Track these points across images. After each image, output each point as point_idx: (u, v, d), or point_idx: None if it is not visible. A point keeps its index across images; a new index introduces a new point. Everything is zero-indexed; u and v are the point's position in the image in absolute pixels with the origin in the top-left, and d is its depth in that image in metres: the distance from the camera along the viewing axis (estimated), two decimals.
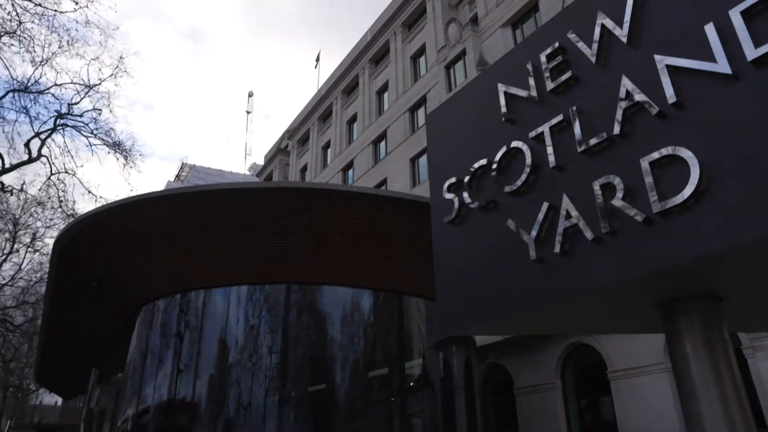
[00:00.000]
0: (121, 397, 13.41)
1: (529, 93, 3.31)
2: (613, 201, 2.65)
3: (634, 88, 2.75)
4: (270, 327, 11.21)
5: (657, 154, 2.57)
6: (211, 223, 10.18)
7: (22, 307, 37.68)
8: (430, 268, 11.26)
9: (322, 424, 10.72)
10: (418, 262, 11.29)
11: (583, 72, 3.09)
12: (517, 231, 3.08)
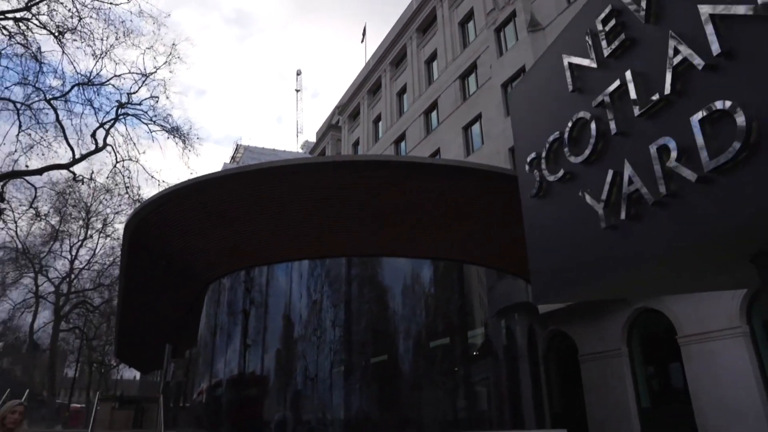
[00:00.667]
0: (194, 372, 14.06)
1: (589, 61, 3.29)
2: (668, 163, 2.59)
3: (681, 42, 2.64)
4: (332, 301, 11.42)
5: (705, 110, 2.47)
6: (271, 200, 10.36)
7: (98, 289, 39.95)
8: (491, 237, 11.25)
9: (387, 394, 10.90)
10: (478, 231, 11.18)
11: (636, 33, 3.01)
12: (589, 200, 3.08)
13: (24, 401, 5.11)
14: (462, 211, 10.63)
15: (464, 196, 10.36)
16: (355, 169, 10.01)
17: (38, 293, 38.84)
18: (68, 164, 22.13)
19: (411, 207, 10.38)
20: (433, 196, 10.29)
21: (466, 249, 11.51)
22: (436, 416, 10.88)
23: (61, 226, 35.65)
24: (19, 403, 4.95)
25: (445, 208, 10.56)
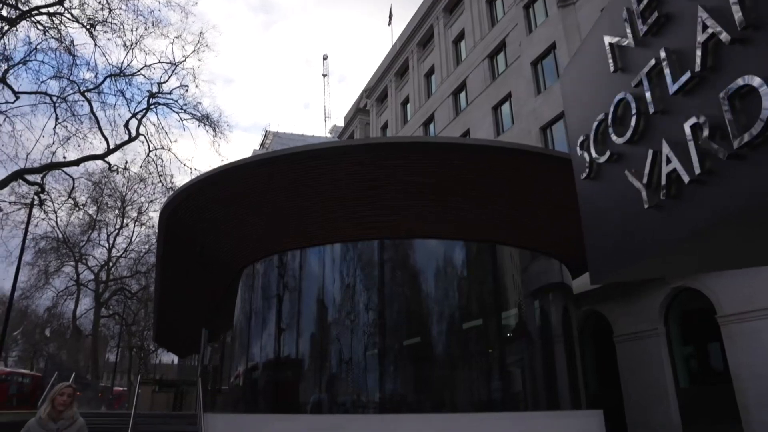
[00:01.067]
0: (231, 355, 14.35)
1: (628, 40, 3.31)
2: (701, 141, 2.60)
3: (708, 17, 2.60)
4: (365, 285, 11.46)
5: (733, 85, 2.43)
6: (303, 184, 10.40)
7: (135, 276, 41.02)
8: (524, 217, 11.12)
9: (421, 376, 10.94)
10: (511, 211, 11.05)
11: (670, 9, 2.97)
12: (633, 181, 3.13)
13: (72, 383, 5.15)
14: (494, 192, 10.51)
15: (497, 177, 10.23)
16: (386, 151, 9.96)
17: (79, 281, 40.06)
18: (103, 154, 22.63)
19: (443, 188, 10.30)
20: (465, 178, 10.18)
21: (498, 230, 11.41)
22: (471, 397, 10.90)
23: (98, 216, 36.62)
24: (68, 385, 4.93)
25: (478, 189, 10.44)
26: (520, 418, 10.58)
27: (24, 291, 37.59)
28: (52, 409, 4.62)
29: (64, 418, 4.65)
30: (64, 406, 4.67)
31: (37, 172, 22.37)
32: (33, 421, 4.63)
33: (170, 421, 16.47)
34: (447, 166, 10.02)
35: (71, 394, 4.79)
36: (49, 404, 4.68)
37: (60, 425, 4.59)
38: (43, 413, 4.63)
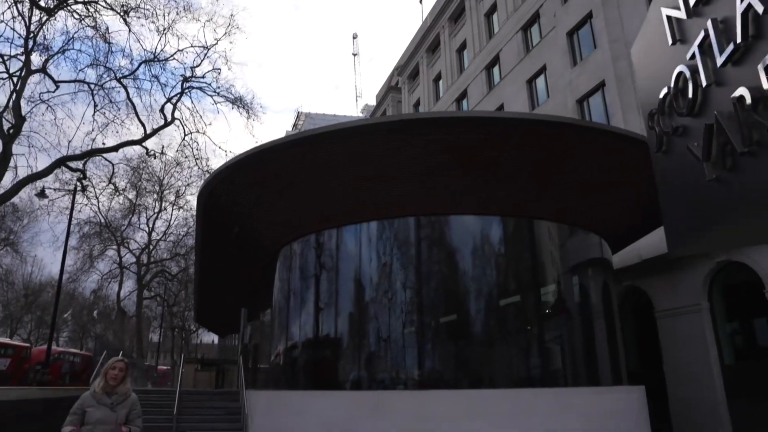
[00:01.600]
0: (270, 335, 14.61)
1: (681, 12, 3.25)
2: (745, 113, 2.55)
3: None
4: (402, 263, 11.47)
5: None
6: (336, 162, 10.39)
7: (175, 258, 42.03)
8: (562, 192, 10.92)
9: (460, 353, 10.95)
10: (548, 186, 10.85)
11: None
12: (694, 153, 3.12)
13: (124, 358, 5.08)
14: (532, 166, 10.33)
15: (534, 151, 10.04)
16: (420, 127, 9.84)
17: (122, 264, 41.29)
18: (141, 140, 23.08)
19: (479, 163, 10.17)
20: (502, 152, 10.03)
21: (536, 205, 11.23)
22: (509, 374, 10.86)
23: (137, 200, 37.53)
24: (120, 359, 4.90)
25: (514, 164, 10.28)
26: (560, 394, 10.52)
27: (71, 274, 38.96)
28: (105, 383, 4.63)
29: (117, 393, 4.65)
30: (116, 381, 4.65)
31: (79, 159, 22.98)
32: (87, 394, 4.64)
33: (214, 397, 16.94)
34: (483, 141, 9.88)
35: (123, 369, 4.76)
36: (102, 378, 4.68)
37: (114, 400, 4.60)
38: (98, 387, 4.63)
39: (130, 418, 4.68)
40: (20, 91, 19.99)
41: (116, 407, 4.61)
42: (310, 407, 11.01)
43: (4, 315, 50.12)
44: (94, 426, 4.45)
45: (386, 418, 10.03)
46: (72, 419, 4.49)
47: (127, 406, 4.69)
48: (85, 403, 4.57)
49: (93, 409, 4.52)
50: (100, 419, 4.49)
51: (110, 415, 4.55)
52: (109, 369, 4.72)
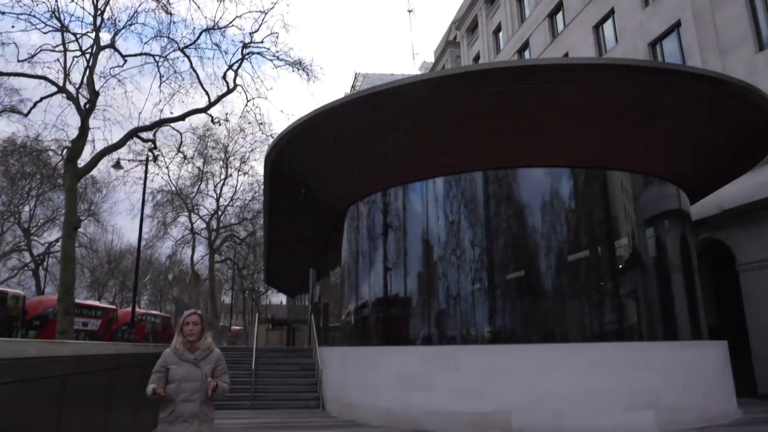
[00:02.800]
0: (340, 294, 14.93)
1: None
2: None
3: None
4: (470, 221, 11.34)
5: None
6: (403, 118, 10.28)
7: (243, 223, 43.33)
8: (635, 139, 10.44)
9: (530, 310, 10.83)
10: (621, 134, 10.37)
11: None
12: None
13: (198, 311, 4.61)
14: (602, 113, 9.86)
15: (607, 98, 9.57)
16: (487, 77, 9.53)
17: (193, 230, 42.99)
18: (205, 108, 23.61)
19: (549, 113, 9.80)
20: (573, 101, 9.61)
21: (608, 155, 10.77)
22: (582, 329, 10.68)
23: (204, 168, 38.76)
24: (193, 312, 4.51)
25: (586, 112, 9.85)
26: (636, 348, 10.27)
27: (147, 241, 40.97)
28: (184, 339, 4.37)
29: (199, 348, 4.38)
30: (193, 336, 4.36)
31: (149, 130, 23.81)
32: (168, 350, 4.42)
33: (288, 354, 17.60)
34: (554, 90, 9.49)
35: (198, 322, 4.42)
36: (179, 335, 4.41)
37: (197, 356, 4.33)
38: (177, 343, 4.37)
39: (215, 374, 4.39)
40: (92, 67, 20.77)
41: (200, 363, 4.33)
42: (383, 361, 11.25)
43: (91, 280, 53.56)
44: (178, 383, 4.22)
45: (458, 371, 10.12)
46: (156, 377, 4.23)
47: (212, 362, 4.40)
48: (168, 360, 4.33)
49: (176, 366, 4.28)
50: (185, 376, 4.24)
51: (194, 371, 4.28)
52: (183, 325, 4.41)
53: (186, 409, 4.21)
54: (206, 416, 4.33)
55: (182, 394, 4.22)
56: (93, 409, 6.42)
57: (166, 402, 4.21)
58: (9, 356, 4.28)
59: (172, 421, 4.20)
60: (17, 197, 38.22)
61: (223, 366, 4.50)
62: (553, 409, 9.38)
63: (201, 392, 4.26)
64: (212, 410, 4.45)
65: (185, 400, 4.22)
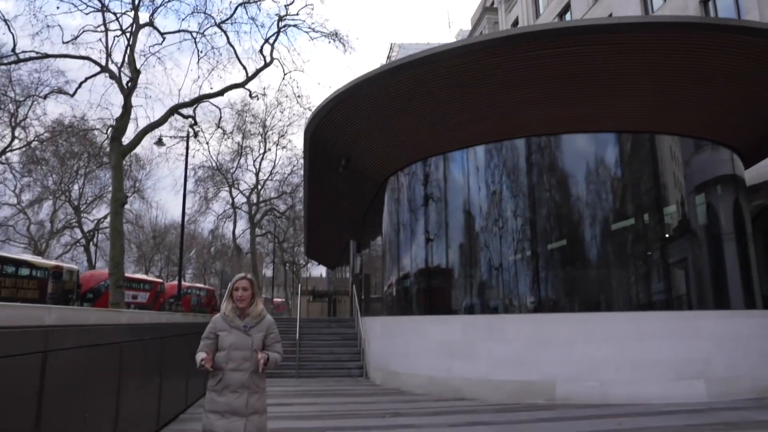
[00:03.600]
0: (381, 265, 15.01)
1: None
2: None
3: None
4: (512, 192, 11.16)
5: None
6: (444, 85, 10.10)
7: (282, 197, 43.90)
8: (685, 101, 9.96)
9: (575, 280, 10.66)
10: (669, 95, 9.95)
11: None
12: None
13: (248, 275, 4.32)
14: (650, 74, 9.47)
15: (651, 57, 9.16)
16: (529, 40, 9.24)
17: (234, 204, 43.84)
18: (243, 82, 23.77)
19: (591, 76, 9.48)
20: (618, 62, 9.25)
21: (657, 118, 10.38)
22: (629, 298, 10.46)
23: (243, 143, 39.25)
24: (243, 276, 4.24)
25: (630, 73, 9.47)
26: (686, 317, 10.02)
27: (190, 216, 42.03)
28: (233, 304, 4.15)
29: (250, 315, 4.12)
30: (243, 302, 4.11)
31: (189, 106, 24.16)
32: (218, 317, 4.19)
33: (330, 324, 17.89)
34: (598, 52, 9.15)
35: (247, 287, 4.15)
36: (229, 300, 4.17)
37: (247, 323, 4.08)
38: (227, 309, 4.13)
39: (267, 342, 4.13)
40: (133, 45, 21.12)
41: (250, 331, 4.07)
42: (426, 330, 11.32)
43: (138, 255, 55.35)
44: (228, 351, 3.98)
45: (502, 340, 10.11)
46: (205, 344, 4.05)
47: (263, 329, 4.13)
48: (217, 326, 4.10)
49: (225, 333, 4.05)
50: (235, 344, 4.00)
51: (245, 339, 4.03)
52: (232, 290, 4.16)
53: (235, 379, 3.94)
54: (256, 387, 4.03)
55: (231, 363, 3.97)
56: (148, 374, 6.66)
57: (215, 370, 3.97)
58: (74, 323, 4.45)
59: (220, 391, 3.94)
60: (67, 176, 39.57)
61: (275, 334, 4.21)
62: (599, 379, 9.29)
63: (251, 362, 3.99)
64: (263, 381, 4.15)
65: (235, 369, 3.96)
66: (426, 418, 8.17)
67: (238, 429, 3.85)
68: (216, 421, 3.87)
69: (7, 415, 3.46)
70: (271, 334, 4.17)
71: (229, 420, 3.87)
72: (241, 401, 3.90)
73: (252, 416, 3.92)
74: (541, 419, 7.93)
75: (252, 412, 3.93)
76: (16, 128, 31.57)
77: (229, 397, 3.91)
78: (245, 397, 3.92)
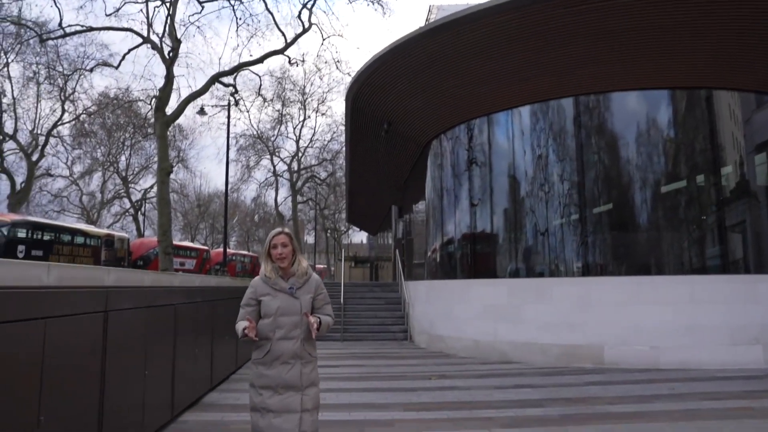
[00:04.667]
0: (425, 230, 14.95)
1: None
2: None
3: None
4: (558, 155, 10.85)
5: None
6: (488, 44, 9.81)
7: (322, 164, 44.10)
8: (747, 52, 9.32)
9: (625, 244, 10.37)
10: (735, 49, 9.38)
11: None
12: None
13: (285, 229, 3.73)
14: (709, 25, 8.94)
15: (711, 6, 8.63)
16: None
17: (275, 172, 44.29)
18: (282, 49, 23.68)
19: (644, 30, 9.01)
20: (671, 13, 8.75)
21: (715, 73, 9.83)
22: (681, 262, 10.14)
23: (283, 110, 39.39)
24: (280, 231, 3.64)
25: (686, 25, 8.96)
26: (741, 281, 9.67)
27: (232, 185, 42.66)
28: (273, 264, 3.58)
29: (294, 274, 3.57)
30: (284, 260, 3.53)
31: (230, 74, 24.28)
32: (258, 279, 3.63)
33: (373, 288, 18.06)
34: (652, 5, 8.67)
35: (287, 243, 3.56)
36: (267, 260, 3.59)
37: (292, 283, 3.53)
38: (267, 270, 3.57)
39: (316, 305, 3.62)
40: (173, 15, 21.23)
41: (297, 292, 3.52)
42: (471, 294, 11.28)
43: (184, 223, 56.84)
44: (274, 318, 3.45)
45: (548, 303, 9.99)
46: (246, 312, 3.53)
47: (311, 290, 3.58)
48: (258, 291, 3.55)
49: (269, 297, 3.50)
50: (281, 309, 3.46)
51: (292, 302, 3.49)
52: (269, 248, 3.58)
53: (285, 348, 3.43)
54: (309, 356, 3.53)
55: (279, 331, 3.44)
56: (201, 335, 6.86)
57: (261, 340, 3.45)
58: (131, 284, 4.58)
59: (269, 363, 3.43)
60: (114, 148, 40.67)
61: (324, 294, 3.70)
62: (649, 343, 9.11)
63: (302, 327, 3.48)
64: (315, 349, 3.65)
65: (283, 337, 3.44)
66: (473, 380, 8.19)
67: (295, 405, 3.37)
68: (269, 398, 3.38)
69: (76, 370, 3.60)
70: (320, 294, 3.65)
71: (283, 396, 3.38)
72: (294, 373, 3.41)
73: (309, 389, 3.46)
74: (590, 382, 7.84)
75: (309, 384, 3.47)
76: (65, 102, 32.51)
77: (279, 369, 3.41)
78: (299, 369, 3.43)
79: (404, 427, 5.48)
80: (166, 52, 21.43)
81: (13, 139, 33.04)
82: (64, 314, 3.41)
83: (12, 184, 32.30)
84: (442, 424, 5.60)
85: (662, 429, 5.27)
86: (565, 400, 6.71)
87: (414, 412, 6.15)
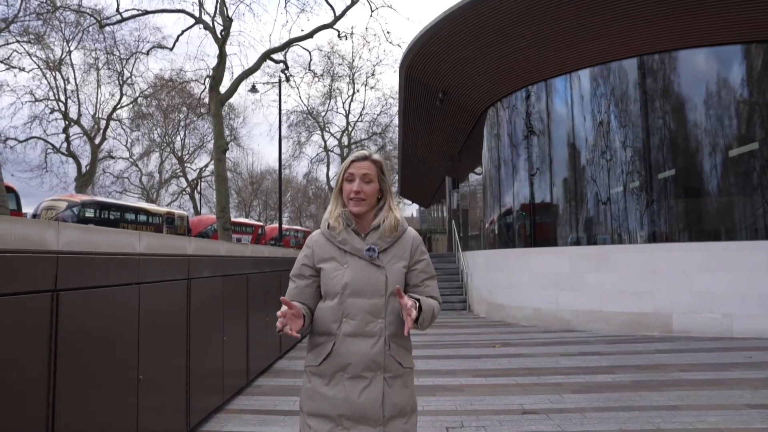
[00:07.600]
0: (483, 201, 14.80)
1: None
2: None
3: None
4: (620, 121, 10.47)
5: None
6: (546, 6, 9.52)
7: (372, 138, 44.08)
8: None
9: (693, 210, 9.97)
10: None
11: None
12: None
13: (375, 155, 2.11)
14: None
15: None
16: None
17: (326, 147, 44.59)
18: (332, 22, 23.58)
19: None
20: None
21: None
22: (755, 229, 9.66)
23: (332, 85, 39.47)
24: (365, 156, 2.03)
25: None
26: None
27: (285, 161, 43.29)
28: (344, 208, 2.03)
29: (377, 228, 2.00)
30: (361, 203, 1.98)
31: (280, 51, 24.40)
32: (317, 234, 2.07)
33: None
34: None
35: (371, 177, 2.00)
36: (338, 199, 2.05)
37: (374, 243, 1.97)
38: (333, 217, 2.02)
39: (412, 280, 2.03)
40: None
41: (381, 257, 1.96)
42: (531, 263, 11.15)
43: (238, 201, 58.25)
44: (340, 299, 1.92)
45: (612, 271, 9.78)
46: (294, 288, 2.03)
47: (404, 255, 2.01)
48: (317, 253, 2.02)
49: (334, 265, 1.97)
50: (353, 284, 1.92)
51: (372, 273, 1.94)
52: (343, 180, 2.04)
53: (357, 352, 1.91)
54: (398, 366, 1.95)
55: (349, 323, 1.93)
56: (270, 305, 7.06)
57: (318, 335, 1.99)
58: (208, 254, 4.74)
59: (329, 375, 1.93)
60: (170, 128, 41.85)
61: (426, 262, 2.08)
62: (721, 311, 8.81)
63: (387, 317, 1.94)
64: (410, 353, 2.06)
65: (355, 333, 1.92)
66: (537, 348, 8.15)
67: None
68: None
69: (166, 334, 3.79)
70: (419, 262, 2.05)
71: None
72: (372, 395, 1.89)
73: (393, 422, 1.90)
74: (659, 350, 7.67)
75: (394, 414, 1.90)
76: (123, 86, 33.59)
77: (347, 388, 1.89)
78: (380, 388, 1.89)
79: (474, 392, 5.52)
80: (218, 31, 21.73)
81: (78, 124, 34.45)
82: (155, 280, 3.57)
83: (78, 167, 33.81)
84: (512, 389, 5.61)
85: (743, 396, 5.12)
86: (635, 367, 6.59)
87: (482, 377, 6.19)
